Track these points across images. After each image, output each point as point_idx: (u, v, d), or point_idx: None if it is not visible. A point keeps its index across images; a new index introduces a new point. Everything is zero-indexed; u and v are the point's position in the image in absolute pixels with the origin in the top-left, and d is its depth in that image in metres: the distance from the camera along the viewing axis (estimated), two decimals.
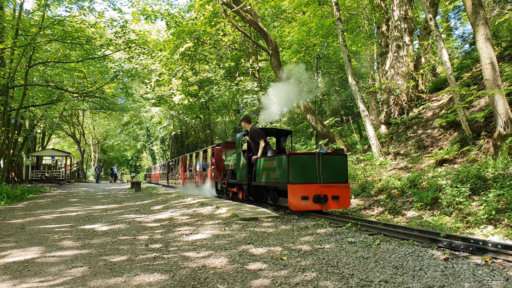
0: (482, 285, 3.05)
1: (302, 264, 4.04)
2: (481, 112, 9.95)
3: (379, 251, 4.47)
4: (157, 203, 12.15)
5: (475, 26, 8.74)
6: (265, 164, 8.59)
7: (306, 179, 7.48)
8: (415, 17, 17.70)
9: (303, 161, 7.53)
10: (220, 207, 8.53)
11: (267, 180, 8.44)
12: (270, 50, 15.51)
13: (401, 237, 5.08)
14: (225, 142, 16.07)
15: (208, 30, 17.86)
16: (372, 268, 3.79)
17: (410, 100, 13.92)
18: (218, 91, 19.45)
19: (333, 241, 5.19)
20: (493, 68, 8.32)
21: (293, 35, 18.05)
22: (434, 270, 3.56)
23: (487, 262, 3.67)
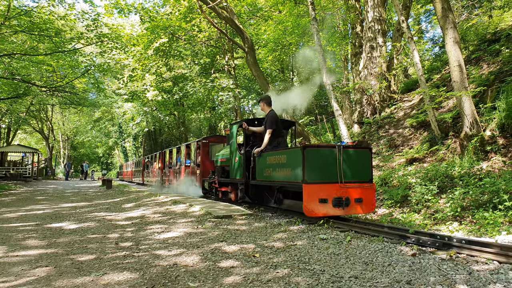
0: (447, 279, 3.14)
1: (274, 261, 4.05)
2: (449, 113, 10.28)
3: (350, 247, 4.54)
4: (128, 201, 11.90)
5: (445, 29, 9.00)
6: (270, 159, 7.23)
7: (325, 177, 6.10)
8: (389, 19, 18.10)
9: (321, 156, 6.13)
10: (194, 205, 8.44)
11: (272, 178, 7.09)
12: (246, 47, 15.48)
13: (372, 234, 5.17)
14: (212, 136, 14.87)
15: (183, 25, 17.62)
16: (343, 264, 3.84)
17: (382, 100, 14.23)
18: (192, 87, 19.24)
19: (306, 237, 5.24)
20: (461, 71, 8.60)
21: (269, 34, 18.09)
22: (402, 265, 3.64)
23: (452, 257, 3.79)
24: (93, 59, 20.75)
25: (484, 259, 3.67)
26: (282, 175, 6.70)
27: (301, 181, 6.03)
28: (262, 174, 7.51)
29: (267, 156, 7.33)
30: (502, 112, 8.40)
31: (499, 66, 10.77)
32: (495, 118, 8.52)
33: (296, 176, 6.21)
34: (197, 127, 33.58)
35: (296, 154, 6.25)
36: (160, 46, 17.91)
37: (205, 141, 13.29)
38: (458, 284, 3.01)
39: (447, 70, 13.04)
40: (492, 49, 11.92)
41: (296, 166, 6.21)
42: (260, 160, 7.65)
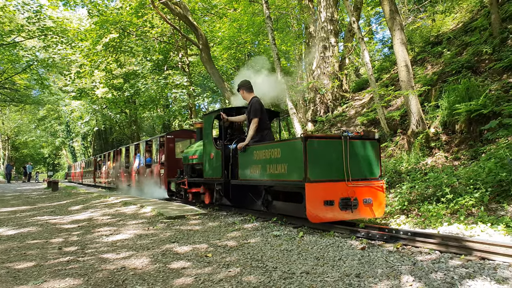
0: (393, 271, 3.24)
1: (227, 260, 4.00)
2: (397, 111, 10.73)
3: (303, 243, 4.58)
4: (76, 203, 11.32)
5: (392, 31, 9.37)
6: (258, 154, 6.12)
7: (330, 174, 5.14)
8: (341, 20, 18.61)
9: (326, 148, 5.16)
10: (145, 206, 8.17)
11: (261, 177, 6.05)
12: (201, 44, 15.26)
13: (324, 229, 5.25)
14: (178, 130, 13.57)
15: (134, 21, 17.03)
16: (295, 260, 3.86)
17: (335, 99, 14.60)
18: (144, 84, 18.67)
19: (259, 235, 5.23)
20: (408, 71, 8.99)
21: (224, 31, 17.96)
22: (352, 259, 3.71)
23: (398, 249, 3.93)
24: (36, 54, 19.49)
25: (427, 249, 3.84)
26: (275, 172, 5.64)
27: (302, 180, 5.00)
28: (247, 172, 6.46)
29: (254, 150, 6.19)
30: (444, 110, 8.89)
31: (441, 67, 11.41)
32: (438, 116, 9.00)
33: (295, 174, 5.19)
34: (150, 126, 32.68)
35: (295, 147, 5.19)
36: (110, 41, 17.20)
37: (170, 137, 11.80)
38: (403, 274, 3.11)
39: (395, 70, 13.62)
40: (435, 51, 12.61)
41: (294, 161, 5.19)
42: (244, 156, 6.55)
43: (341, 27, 17.44)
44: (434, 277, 2.99)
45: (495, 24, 9.89)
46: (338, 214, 5.07)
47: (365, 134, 5.58)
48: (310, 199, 4.94)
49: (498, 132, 7.35)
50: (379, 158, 5.56)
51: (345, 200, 5.12)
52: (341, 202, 5.08)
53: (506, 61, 8.80)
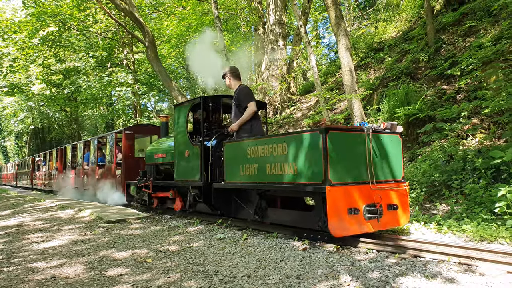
0: (332, 271, 3.28)
1: (167, 265, 3.85)
2: (341, 114, 11.08)
3: (246, 245, 4.54)
4: (5, 207, 10.46)
5: (337, 36, 9.65)
6: (254, 151, 5.03)
7: (353, 176, 4.23)
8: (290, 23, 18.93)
9: (347, 143, 4.24)
10: (83, 210, 7.73)
11: (258, 179, 4.98)
12: (147, 42, 14.79)
13: (268, 231, 5.24)
14: (139, 125, 12.04)
15: (75, 14, 16.12)
16: (237, 263, 3.80)
17: (283, 101, 14.81)
18: (86, 81, 17.71)
19: (203, 238, 5.12)
20: (351, 75, 9.30)
21: (172, 29, 17.55)
22: (294, 260, 3.73)
23: (338, 249, 4.01)
24: None
25: (365, 249, 3.95)
26: (279, 173, 4.62)
27: (320, 183, 4.03)
28: (237, 172, 5.34)
29: (248, 146, 5.13)
30: (385, 114, 9.31)
31: (383, 72, 11.97)
32: (380, 119, 9.40)
33: (309, 175, 4.22)
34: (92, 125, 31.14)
35: (310, 141, 4.20)
36: (48, 35, 16.12)
37: (129, 132, 10.24)
38: (342, 274, 3.16)
39: (340, 74, 14.08)
40: (377, 57, 13.21)
41: (309, 159, 4.22)
42: (232, 153, 5.47)
43: (289, 30, 17.73)
44: (371, 276, 3.07)
45: (430, 34, 10.55)
46: (364, 225, 4.13)
47: (387, 127, 4.67)
48: (332, 206, 3.93)
49: (432, 135, 7.83)
50: (401, 156, 4.74)
51: (370, 207, 4.17)
52: (366, 209, 4.11)
53: (439, 69, 9.40)
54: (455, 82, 8.94)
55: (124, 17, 17.27)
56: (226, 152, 5.63)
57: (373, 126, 4.51)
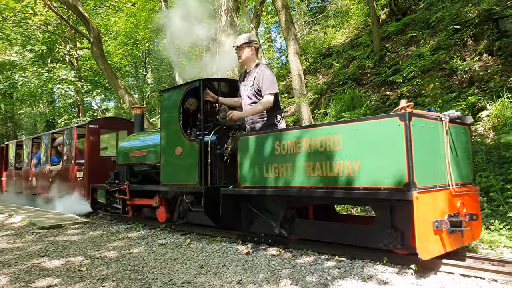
0: (273, 275, 3.26)
1: (103, 274, 3.63)
2: (291, 117, 11.24)
3: (189, 251, 4.41)
4: None
5: (288, 40, 9.76)
6: (284, 145, 3.97)
7: (434, 177, 3.34)
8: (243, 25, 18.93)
9: (428, 135, 3.32)
10: (14, 215, 7.16)
11: (291, 182, 3.90)
12: (92, 38, 14.09)
13: (212, 235, 5.14)
14: (106, 118, 10.45)
15: (11, 4, 14.98)
16: (178, 269, 3.67)
17: None
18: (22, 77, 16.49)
19: (144, 244, 4.92)
20: (300, 79, 9.44)
21: (120, 26, 16.88)
22: (236, 265, 3.66)
23: (281, 252, 4.00)
24: None
25: (307, 251, 3.96)
26: (330, 175, 3.54)
27: (403, 187, 3.06)
28: (259, 174, 4.21)
29: (278, 139, 4.03)
30: (331, 118, 9.55)
31: (331, 77, 12.30)
32: None
33: (382, 177, 3.20)
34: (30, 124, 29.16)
35: (384, 131, 3.20)
36: None
37: (94, 127, 8.66)
38: (282, 278, 3.14)
39: (290, 78, 14.30)
40: (326, 62, 13.56)
41: (381, 155, 3.21)
42: (252, 148, 4.29)
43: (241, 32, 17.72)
44: (310, 279, 3.07)
45: (376, 42, 11.00)
46: (448, 242, 3.27)
47: (458, 117, 3.66)
48: (421, 219, 3.02)
49: None
50: (470, 153, 3.91)
51: (453, 218, 3.30)
52: (449, 221, 3.20)
53: (383, 75, 9.82)
54: (397, 88, 9.37)
55: (67, 10, 16.35)
56: (241, 148, 4.36)
57: (451, 114, 3.51)
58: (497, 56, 7.78)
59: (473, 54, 8.23)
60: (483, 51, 8.13)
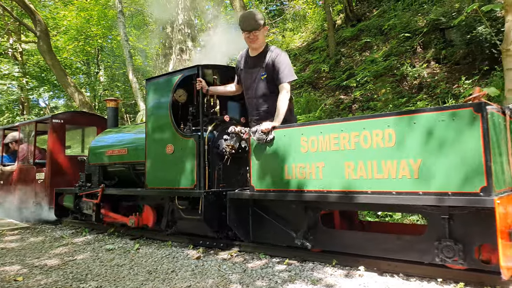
0: (223, 280, 3.18)
1: (41, 284, 3.39)
2: None
3: (137, 256, 4.23)
4: None
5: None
6: (312, 142, 3.41)
7: (503, 178, 2.88)
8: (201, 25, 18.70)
9: (497, 130, 2.85)
10: None
11: (321, 185, 3.34)
12: (38, 32, 13.28)
13: (163, 239, 4.97)
14: (72, 112, 8.97)
15: None
16: (124, 276, 3.50)
17: None
18: None
19: (90, 250, 4.66)
20: None
21: (70, 20, 16.08)
22: (186, 270, 3.54)
23: (232, 256, 3.93)
24: None
25: (259, 254, 3.91)
26: (375, 176, 3.02)
27: (479, 191, 2.59)
28: (278, 175, 3.61)
29: (304, 134, 3.45)
30: None
31: None
32: None
33: (452, 179, 2.70)
34: None
35: (454, 124, 2.71)
36: None
37: (58, 121, 7.54)
38: (232, 283, 3.07)
39: None
40: None
41: (449, 153, 2.72)
42: (268, 145, 3.70)
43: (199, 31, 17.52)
44: (260, 284, 3.02)
45: (331, 46, 11.24)
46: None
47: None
48: (503, 230, 2.57)
49: None
50: None
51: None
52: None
53: (338, 79, 10.04)
54: (351, 92, 9.62)
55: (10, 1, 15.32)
56: (257, 146, 3.78)
57: None
58: (443, 64, 8.19)
59: (422, 61, 8.62)
60: (431, 58, 8.54)
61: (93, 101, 18.75)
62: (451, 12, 8.47)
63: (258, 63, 4.03)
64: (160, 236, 5.04)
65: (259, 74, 4.00)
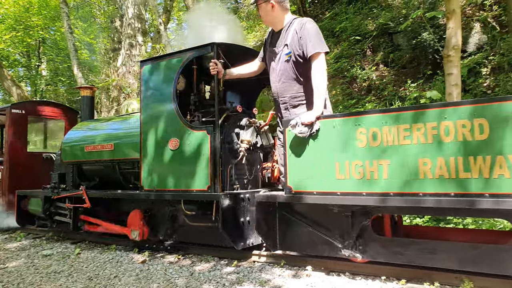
0: (170, 284, 3.05)
1: None
2: None
3: (77, 261, 3.96)
4: None
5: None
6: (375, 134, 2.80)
7: None
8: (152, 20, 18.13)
9: None
10: None
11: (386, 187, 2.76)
12: None
13: (106, 243, 4.71)
14: (35, 102, 7.87)
15: None
16: (62, 284, 3.26)
17: None
18: None
19: (24, 256, 4.32)
20: None
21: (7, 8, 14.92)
22: (130, 275, 3.37)
23: (179, 259, 3.80)
24: None
25: (207, 256, 3.81)
26: (461, 175, 2.52)
27: None
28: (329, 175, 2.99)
29: (362, 125, 2.87)
30: None
31: None
32: None
33: None
34: None
35: None
36: None
37: (18, 112, 6.45)
38: (178, 287, 2.95)
39: None
40: None
41: None
42: (313, 142, 3.05)
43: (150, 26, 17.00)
44: (207, 287, 2.93)
45: None
46: None
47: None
48: None
49: None
50: None
51: None
52: None
53: None
54: None
55: None
56: (294, 139, 3.11)
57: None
58: (391, 67, 8.52)
59: (371, 64, 8.90)
60: (380, 62, 8.85)
61: (33, 95, 17.54)
62: (398, 17, 8.82)
63: (281, 40, 3.41)
64: (104, 240, 4.77)
65: (283, 53, 3.36)
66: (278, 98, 3.43)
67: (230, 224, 3.50)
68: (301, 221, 3.27)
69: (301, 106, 3.31)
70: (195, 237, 3.93)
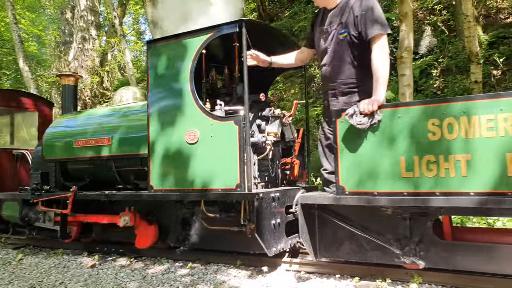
0: None
1: None
2: None
3: (19, 268, 3.70)
4: None
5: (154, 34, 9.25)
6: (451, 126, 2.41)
7: None
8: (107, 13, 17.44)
9: None
10: None
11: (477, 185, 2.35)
12: None
13: (53, 247, 4.44)
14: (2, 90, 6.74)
15: None
16: None
17: (94, 96, 13.46)
18: None
19: None
20: None
21: None
22: (77, 281, 3.18)
23: (132, 262, 3.64)
24: None
25: (161, 259, 3.68)
26: None
27: None
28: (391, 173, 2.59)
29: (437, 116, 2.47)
30: None
31: None
32: None
33: None
34: None
35: None
36: None
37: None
38: None
39: None
40: None
41: None
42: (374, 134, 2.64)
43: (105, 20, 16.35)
44: None
45: None
46: None
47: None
48: None
49: None
50: None
51: None
52: None
53: None
54: None
55: None
56: (349, 130, 2.72)
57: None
58: None
59: None
60: None
61: None
62: None
63: (336, 18, 2.97)
64: (50, 244, 4.49)
65: (337, 32, 2.94)
66: (327, 83, 3.06)
67: (263, 228, 3.03)
68: (346, 225, 2.88)
69: (353, 95, 2.90)
70: (215, 242, 3.46)
